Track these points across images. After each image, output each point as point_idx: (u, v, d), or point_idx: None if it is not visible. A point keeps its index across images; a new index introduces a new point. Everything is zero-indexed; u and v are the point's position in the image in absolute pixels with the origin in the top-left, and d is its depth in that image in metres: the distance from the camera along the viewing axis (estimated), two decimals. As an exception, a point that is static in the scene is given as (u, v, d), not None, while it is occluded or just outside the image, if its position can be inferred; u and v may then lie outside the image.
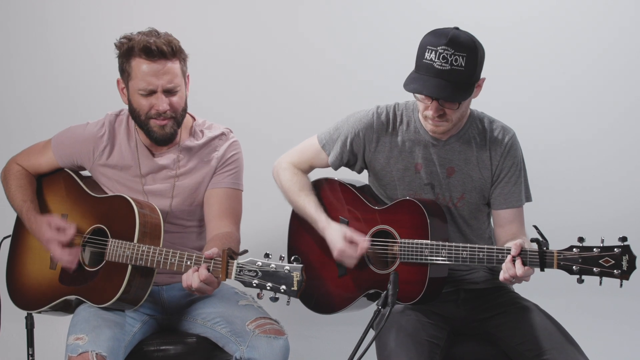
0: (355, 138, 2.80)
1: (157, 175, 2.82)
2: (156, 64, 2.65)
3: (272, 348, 2.58)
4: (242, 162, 2.89)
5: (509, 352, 2.64)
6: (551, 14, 3.85)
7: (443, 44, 2.51)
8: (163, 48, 2.64)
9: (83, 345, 2.50)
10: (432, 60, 2.52)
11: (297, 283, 2.32)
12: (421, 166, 2.75)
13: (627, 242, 2.30)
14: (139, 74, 2.66)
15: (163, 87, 2.66)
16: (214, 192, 2.82)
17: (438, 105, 2.57)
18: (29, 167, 2.94)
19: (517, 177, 2.73)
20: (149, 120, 2.71)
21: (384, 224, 2.72)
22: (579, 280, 2.35)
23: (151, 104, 2.68)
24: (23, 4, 3.98)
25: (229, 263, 2.41)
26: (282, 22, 3.95)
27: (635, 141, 3.83)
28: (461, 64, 2.52)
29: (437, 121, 2.61)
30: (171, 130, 2.73)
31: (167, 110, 2.69)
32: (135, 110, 2.73)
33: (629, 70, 3.82)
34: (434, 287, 2.61)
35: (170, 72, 2.67)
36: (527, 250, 2.43)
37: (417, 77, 2.55)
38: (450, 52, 2.51)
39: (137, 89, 2.68)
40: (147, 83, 2.66)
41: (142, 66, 2.65)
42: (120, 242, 2.63)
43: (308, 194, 2.86)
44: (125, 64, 2.70)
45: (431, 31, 2.59)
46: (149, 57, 2.64)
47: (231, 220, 2.79)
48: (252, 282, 2.36)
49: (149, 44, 2.63)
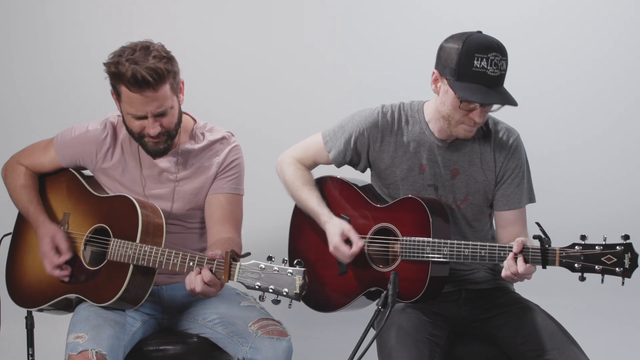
0: (359, 136, 2.80)
1: (157, 179, 2.82)
2: (143, 94, 2.59)
3: (275, 349, 2.58)
4: (243, 167, 2.88)
5: (510, 353, 2.64)
6: (551, 14, 3.85)
7: (494, 51, 2.53)
8: (148, 79, 2.55)
9: (83, 344, 2.50)
10: (485, 67, 2.53)
11: (299, 287, 2.32)
12: (426, 167, 2.75)
13: (629, 240, 2.29)
14: (127, 100, 2.63)
15: (152, 113, 2.63)
16: (215, 197, 2.82)
17: (482, 110, 2.58)
18: (31, 166, 2.94)
19: (520, 178, 2.73)
20: (142, 138, 2.70)
21: (386, 221, 2.72)
22: (581, 278, 2.34)
23: (142, 125, 2.67)
24: (23, 4, 3.98)
25: (232, 265, 2.41)
26: (282, 23, 3.95)
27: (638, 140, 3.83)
28: (505, 68, 2.57)
29: (475, 126, 2.62)
30: (165, 146, 2.72)
31: (159, 131, 2.67)
32: (128, 127, 2.72)
33: (630, 70, 3.81)
34: (435, 286, 2.61)
35: (158, 98, 2.61)
36: (529, 247, 2.42)
37: (470, 86, 2.54)
38: (499, 58, 2.54)
39: (127, 112, 2.66)
40: (136, 110, 2.62)
41: (130, 94, 2.60)
42: (122, 242, 2.63)
43: (311, 188, 2.87)
44: (115, 84, 2.65)
45: (466, 38, 2.54)
46: (135, 87, 2.58)
47: (232, 225, 2.79)
48: (254, 285, 2.36)
49: (135, 74, 2.54)
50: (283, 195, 2.99)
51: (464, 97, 2.54)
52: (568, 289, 3.19)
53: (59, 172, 2.93)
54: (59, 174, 2.93)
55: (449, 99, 2.59)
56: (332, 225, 2.75)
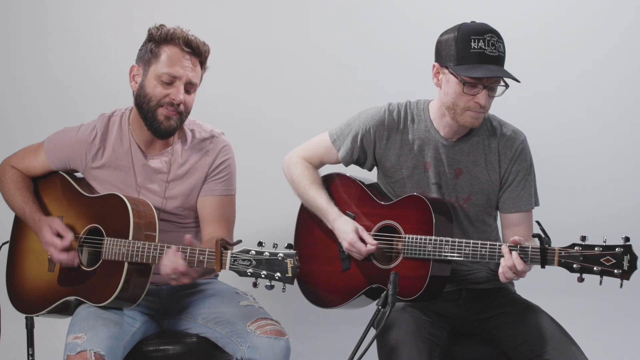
0: (365, 134, 2.81)
1: (149, 178, 2.82)
2: (190, 58, 2.71)
3: (273, 349, 2.57)
4: (234, 166, 2.88)
5: (509, 353, 2.64)
6: (552, 14, 3.85)
7: (488, 31, 2.57)
8: (200, 48, 2.73)
9: (81, 344, 2.50)
10: (483, 48, 2.55)
11: (291, 269, 2.33)
12: (430, 165, 2.75)
13: (629, 242, 2.29)
14: (168, 60, 2.69)
15: (187, 79, 2.70)
16: (207, 199, 2.83)
17: (487, 93, 2.58)
18: (23, 169, 2.94)
19: (526, 181, 2.73)
20: (158, 108, 2.71)
21: (389, 219, 2.73)
22: (580, 279, 2.34)
23: (167, 92, 2.69)
24: (23, 4, 3.98)
25: (223, 254, 2.42)
26: (285, 21, 3.94)
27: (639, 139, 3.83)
28: (502, 50, 2.59)
29: (480, 111, 2.61)
30: (175, 125, 2.74)
31: (181, 102, 2.70)
32: (147, 95, 2.72)
33: (630, 70, 3.81)
34: (435, 285, 2.61)
35: (196, 70, 2.75)
36: (528, 246, 2.42)
37: (475, 66, 2.55)
38: (495, 39, 2.58)
39: (161, 72, 2.69)
40: (175, 70, 2.68)
41: (176, 54, 2.69)
42: (115, 240, 2.64)
43: (319, 187, 2.87)
44: (154, 48, 2.71)
45: (459, 26, 2.60)
46: (186, 48, 2.70)
47: (224, 226, 2.81)
48: (246, 272, 2.37)
49: (189, 38, 2.71)
50: (285, 195, 2.99)
51: (467, 75, 2.54)
52: (568, 290, 3.18)
53: (50, 175, 2.93)
54: (50, 178, 2.93)
55: (452, 87, 2.60)
56: (343, 222, 2.76)
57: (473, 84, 2.57)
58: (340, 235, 2.75)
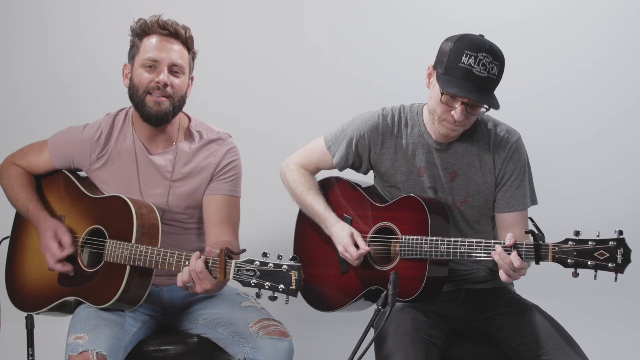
0: (360, 140, 2.81)
1: (153, 177, 2.82)
2: (167, 41, 2.73)
3: (276, 350, 2.57)
4: (240, 169, 2.88)
5: (508, 353, 2.64)
6: (552, 14, 3.85)
7: (484, 51, 2.54)
8: (178, 30, 2.74)
9: (83, 345, 2.49)
10: (472, 65, 2.53)
11: (295, 282, 2.31)
12: (424, 169, 2.75)
13: (622, 236, 2.27)
14: (148, 47, 2.72)
15: (169, 62, 2.71)
16: (212, 199, 2.82)
17: (464, 110, 2.57)
18: (26, 166, 2.93)
19: (520, 180, 2.72)
20: (146, 96, 2.72)
21: (386, 220, 2.73)
22: (574, 274, 2.33)
23: (152, 78, 2.71)
24: (23, 4, 3.98)
25: (227, 263, 2.40)
26: (287, 23, 3.95)
27: (636, 140, 3.83)
28: (495, 73, 2.56)
29: (456, 125, 2.61)
30: (166, 110, 2.73)
31: (167, 84, 2.70)
32: (135, 86, 2.74)
33: (629, 70, 3.82)
34: (433, 285, 2.61)
35: (178, 52, 2.74)
36: (522, 243, 2.42)
37: (454, 80, 2.55)
38: (489, 60, 2.54)
39: (144, 58, 2.71)
40: (154, 54, 2.70)
41: (153, 39, 2.72)
42: (118, 243, 2.63)
43: (316, 193, 2.88)
44: (137, 41, 2.75)
45: (462, 36, 2.59)
46: (162, 32, 2.72)
47: (229, 228, 2.79)
48: (250, 282, 2.35)
49: (166, 22, 2.74)
50: (286, 196, 2.99)
51: (443, 88, 2.55)
52: (567, 290, 3.19)
53: (53, 174, 2.92)
54: (53, 176, 2.92)
55: (435, 92, 2.62)
56: (340, 228, 2.77)
57: (452, 97, 2.57)
58: (336, 240, 2.77)
